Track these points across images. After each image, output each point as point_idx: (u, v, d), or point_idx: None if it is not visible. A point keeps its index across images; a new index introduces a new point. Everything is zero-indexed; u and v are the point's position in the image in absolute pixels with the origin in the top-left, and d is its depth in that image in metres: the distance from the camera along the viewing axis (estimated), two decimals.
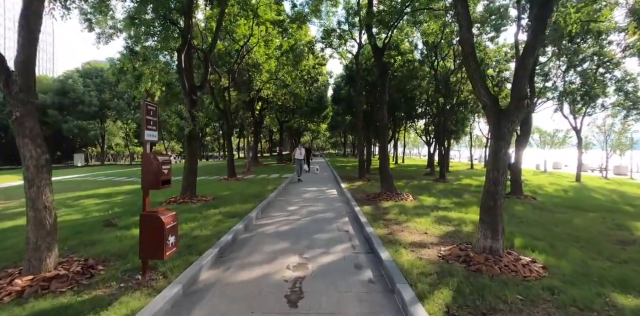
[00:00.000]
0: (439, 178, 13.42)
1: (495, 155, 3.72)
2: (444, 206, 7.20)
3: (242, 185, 11.06)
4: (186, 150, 7.94)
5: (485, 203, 3.79)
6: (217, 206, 7.04)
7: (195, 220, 5.76)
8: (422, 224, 5.41)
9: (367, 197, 8.10)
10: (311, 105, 22.28)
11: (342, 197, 8.89)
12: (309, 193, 9.89)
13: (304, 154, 12.69)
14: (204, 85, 8.06)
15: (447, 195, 8.99)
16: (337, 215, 6.62)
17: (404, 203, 7.31)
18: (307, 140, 68.45)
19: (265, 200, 7.91)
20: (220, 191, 9.57)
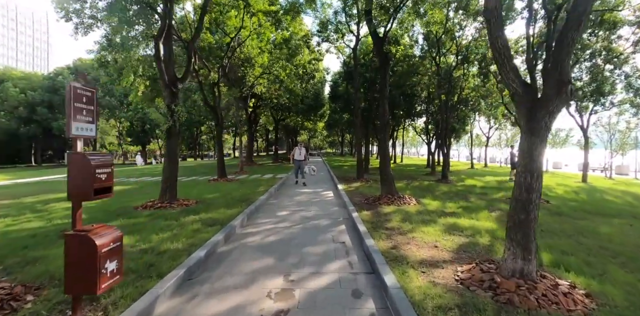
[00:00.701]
0: (441, 179, 12.72)
1: (527, 154, 2.99)
2: (451, 211, 6.49)
3: (231, 187, 10.29)
4: (165, 148, 7.17)
5: (514, 215, 3.06)
6: (198, 211, 6.28)
7: (168, 229, 5.00)
8: (431, 234, 4.68)
9: (366, 201, 7.37)
10: (307, 102, 21.51)
11: (339, 200, 8.16)
12: (302, 195, 9.15)
13: (305, 154, 11.20)
14: (186, 77, 7.29)
15: (453, 198, 8.28)
16: (333, 222, 5.88)
17: (407, 208, 6.58)
18: (304, 139, 67.73)
19: (253, 203, 7.16)
20: (206, 193, 8.81)
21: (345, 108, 22.01)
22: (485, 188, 10.62)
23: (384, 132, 7.10)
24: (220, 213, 6.17)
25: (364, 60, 16.43)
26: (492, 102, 19.79)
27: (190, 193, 8.82)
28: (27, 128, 35.69)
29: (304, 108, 21.77)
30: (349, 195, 8.43)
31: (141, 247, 4.13)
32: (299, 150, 11.22)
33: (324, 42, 15.54)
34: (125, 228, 5.10)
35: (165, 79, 6.81)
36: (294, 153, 11.32)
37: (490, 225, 5.37)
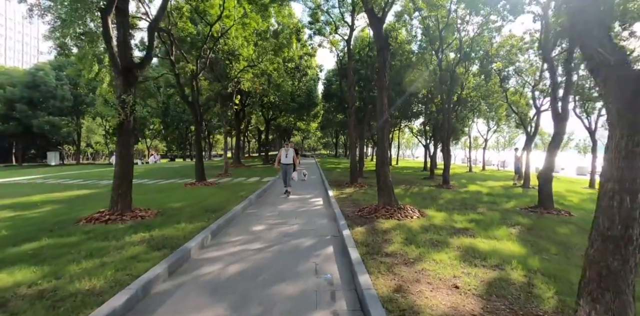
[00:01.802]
0: (443, 184, 11.64)
1: (624, 163, 1.84)
2: (462, 227, 5.37)
3: (207, 192, 9.06)
4: (116, 148, 5.93)
5: (599, 261, 1.92)
6: (152, 227, 5.06)
7: (99, 254, 3.78)
8: (445, 265, 3.54)
9: (360, 212, 6.20)
10: (299, 100, 20.36)
11: (329, 211, 6.98)
12: (287, 203, 7.96)
13: (293, 156, 9.14)
14: (145, 64, 6.07)
15: (460, 209, 7.17)
16: (319, 242, 4.71)
17: (409, 223, 5.44)
18: (297, 140, 66.51)
19: (225, 215, 5.96)
20: (173, 201, 7.57)
21: (339, 107, 20.91)
22: (493, 196, 9.54)
23: (382, 130, 5.95)
24: (179, 229, 4.95)
25: (359, 55, 15.34)
26: (493, 102, 18.84)
27: (154, 201, 7.57)
28: (6, 126, 33.91)
29: (296, 107, 20.60)
30: (341, 204, 7.27)
31: (42, 287, 2.92)
32: (285, 152, 9.19)
33: (316, 35, 14.43)
34: (45, 252, 3.88)
35: (117, 64, 5.59)
36: (279, 155, 9.29)
37: (517, 248, 4.25)
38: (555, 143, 7.05)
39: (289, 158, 9.16)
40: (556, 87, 7.03)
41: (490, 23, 13.91)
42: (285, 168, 9.09)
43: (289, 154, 9.18)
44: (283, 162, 9.12)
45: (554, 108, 6.88)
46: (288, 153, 9.19)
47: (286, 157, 9.15)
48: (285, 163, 9.12)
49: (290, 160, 9.16)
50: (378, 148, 6.28)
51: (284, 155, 9.14)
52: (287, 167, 9.11)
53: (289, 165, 9.12)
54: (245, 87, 13.35)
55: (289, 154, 9.18)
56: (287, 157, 9.16)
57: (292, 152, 9.21)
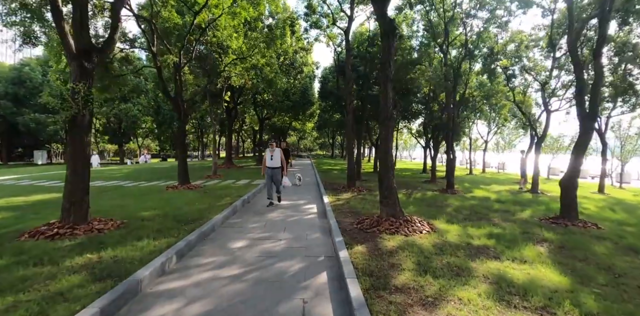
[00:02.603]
0: (447, 189, 10.79)
1: None
2: (481, 244, 4.50)
3: (188, 197, 8.12)
4: (68, 146, 4.98)
5: None
6: (105, 244, 4.12)
7: (17, 288, 2.85)
8: (476, 307, 2.65)
9: (359, 225, 5.30)
10: (294, 98, 19.43)
11: (323, 222, 6.09)
12: (276, 211, 7.04)
13: (280, 158, 7.49)
14: (106, 49, 5.13)
15: (472, 219, 6.32)
16: (309, 265, 3.81)
17: (420, 241, 4.55)
18: (293, 140, 65.56)
19: (202, 227, 5.04)
20: (146, 208, 6.61)
21: (336, 106, 20.03)
22: (503, 203, 8.72)
23: (387, 128, 5.04)
24: (139, 248, 4.03)
25: (357, 50, 14.47)
26: (496, 102, 18.06)
27: (124, 208, 6.61)
28: None
29: (290, 105, 19.66)
30: (337, 213, 6.37)
31: None
32: (270, 153, 7.44)
33: (312, 28, 13.54)
34: None
35: (69, 46, 4.65)
36: (265, 157, 7.58)
37: (556, 277, 3.39)
38: (582, 146, 6.21)
39: (276, 161, 7.45)
40: (583, 83, 6.20)
41: (496, 18, 13.17)
42: (272, 173, 7.42)
43: (275, 156, 7.45)
44: (269, 165, 7.45)
45: (581, 106, 6.06)
46: (274, 155, 7.45)
47: (272, 159, 7.44)
48: (272, 166, 7.45)
49: (278, 162, 7.46)
50: (380, 149, 5.37)
51: (269, 158, 7.45)
52: (273, 171, 7.45)
53: (276, 169, 7.46)
54: (235, 83, 12.41)
55: (275, 156, 7.46)
56: (272, 159, 7.45)
57: (279, 153, 7.50)
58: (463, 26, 11.94)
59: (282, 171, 7.63)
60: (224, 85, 13.03)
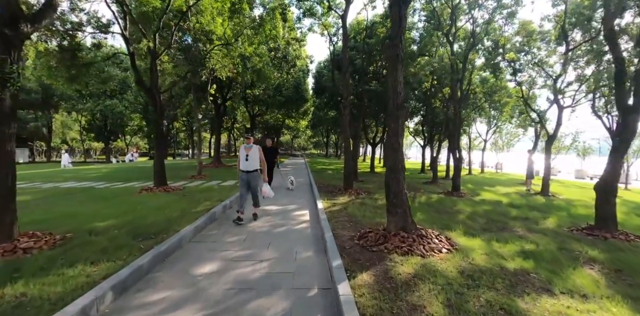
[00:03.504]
0: (453, 192, 9.85)
1: None
2: (517, 267, 3.53)
3: (160, 202, 7.00)
4: None
5: None
6: (21, 273, 3.04)
7: None
8: None
9: (362, 240, 4.27)
10: (286, 94, 18.33)
11: (317, 233, 5.05)
12: (262, 220, 5.98)
13: (259, 157, 5.70)
14: (40, 17, 4.01)
15: (493, 230, 5.37)
16: (297, 305, 2.77)
17: (441, 264, 3.53)
18: (287, 139, 64.40)
19: (164, 243, 3.97)
20: (104, 217, 5.49)
21: (330, 103, 18.98)
22: (519, 208, 7.79)
23: (396, 120, 4.00)
24: (66, 278, 2.95)
25: (354, 41, 13.45)
26: (499, 99, 17.20)
27: (78, 216, 5.49)
28: None
29: (282, 100, 18.55)
30: (334, 223, 5.34)
31: None
32: (246, 152, 5.60)
33: (305, 17, 12.47)
34: None
35: None
36: (239, 159, 5.75)
37: None
38: (624, 144, 5.27)
39: (252, 162, 5.56)
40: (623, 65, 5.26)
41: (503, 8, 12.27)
42: (247, 178, 5.57)
43: (251, 155, 5.56)
44: (243, 168, 5.58)
45: (621, 95, 5.12)
46: (250, 154, 5.56)
47: (246, 160, 5.54)
48: (246, 170, 5.55)
49: (255, 164, 5.59)
50: (387, 147, 4.32)
51: (243, 158, 5.58)
52: (249, 177, 5.57)
53: (252, 173, 5.58)
54: (221, 75, 11.28)
55: (252, 155, 5.58)
56: (248, 159, 5.54)
57: (257, 152, 5.67)
58: (470, 14, 10.98)
59: (263, 175, 5.89)
60: (209, 77, 11.89)
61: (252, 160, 5.59)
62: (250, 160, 5.57)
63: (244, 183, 5.65)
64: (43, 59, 9.07)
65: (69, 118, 45.01)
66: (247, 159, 5.56)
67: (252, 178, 5.63)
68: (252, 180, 5.65)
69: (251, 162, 5.57)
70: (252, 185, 5.68)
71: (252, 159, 5.60)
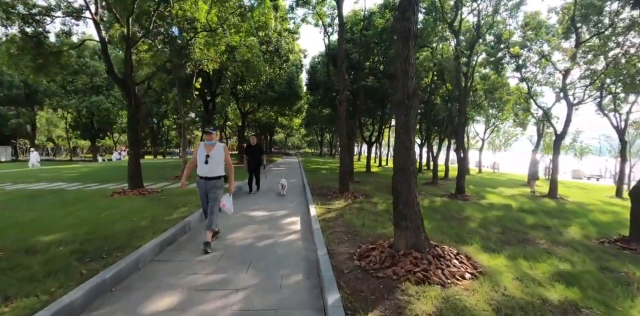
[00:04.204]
0: (457, 194, 9.13)
1: None
2: (562, 299, 2.78)
3: (129, 207, 6.12)
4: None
5: None
6: None
7: None
8: None
9: (363, 260, 3.46)
10: (278, 89, 17.46)
11: (307, 247, 4.23)
12: (244, 229, 5.15)
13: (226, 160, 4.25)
14: None
15: (512, 242, 4.65)
16: None
17: (468, 298, 2.74)
18: (280, 137, 63.45)
19: (114, 266, 3.12)
20: (52, 228, 4.59)
21: (325, 99, 18.16)
22: (531, 213, 7.09)
23: (406, 112, 3.19)
24: None
25: (350, 32, 12.65)
26: (500, 96, 16.55)
27: (20, 229, 4.59)
28: None
29: (275, 96, 17.67)
30: (329, 235, 4.54)
31: None
32: (206, 151, 4.14)
33: (299, 6, 11.64)
34: None
35: None
36: (193, 159, 4.34)
37: None
38: None
39: (215, 165, 4.14)
40: None
41: None
42: (207, 187, 4.17)
43: (213, 156, 4.11)
44: (201, 173, 4.16)
45: None
46: (213, 154, 4.11)
47: (206, 163, 4.10)
48: (206, 176, 4.13)
49: (218, 169, 4.17)
50: (398, 145, 3.46)
51: (202, 159, 4.11)
52: (207, 185, 4.15)
53: (212, 181, 4.15)
54: (207, 68, 10.37)
55: (214, 156, 4.12)
56: (208, 161, 4.10)
57: (223, 151, 4.20)
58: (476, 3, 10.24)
59: (230, 185, 4.38)
60: (194, 70, 10.98)
61: (215, 162, 4.14)
62: (212, 162, 4.12)
63: (202, 191, 4.23)
64: (4, 45, 8.11)
65: (54, 116, 43.50)
66: (208, 161, 4.10)
67: (211, 187, 4.16)
68: (213, 190, 4.16)
69: (213, 165, 4.13)
70: (210, 197, 4.17)
71: (215, 162, 4.13)
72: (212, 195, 4.19)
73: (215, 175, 4.18)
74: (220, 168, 4.24)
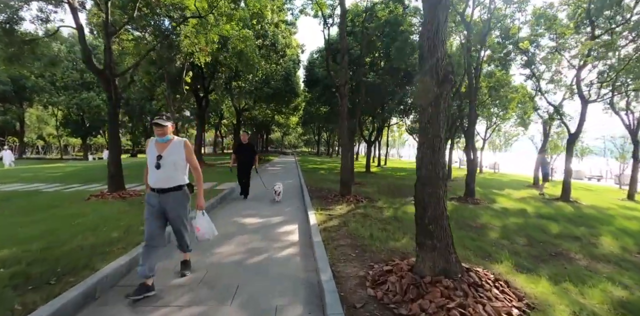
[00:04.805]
0: (466, 197, 8.50)
1: None
2: None
3: (104, 214, 5.37)
4: None
5: None
6: None
7: None
8: None
9: (377, 287, 2.78)
10: (275, 85, 16.71)
11: (307, 266, 3.53)
12: (233, 240, 4.44)
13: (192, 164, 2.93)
14: None
15: (544, 257, 4.02)
16: None
17: None
18: (277, 136, 62.69)
19: (50, 305, 2.39)
20: (9, 241, 3.86)
21: (323, 97, 17.44)
22: (551, 219, 6.46)
23: (436, 102, 2.53)
24: None
25: (351, 25, 11.95)
26: (504, 94, 15.94)
27: None
28: None
29: (271, 93, 16.92)
30: (333, 249, 3.85)
31: None
32: (154, 154, 2.78)
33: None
34: None
35: None
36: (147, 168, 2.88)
37: None
38: None
39: (171, 171, 2.80)
40: None
41: None
42: (161, 203, 2.84)
43: (168, 156, 2.78)
44: (152, 182, 2.82)
45: None
46: (167, 155, 2.78)
47: (158, 168, 2.75)
48: (159, 187, 2.81)
49: (179, 176, 2.86)
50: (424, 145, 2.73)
51: (153, 162, 2.76)
52: (164, 199, 2.84)
53: (169, 193, 2.83)
54: (198, 61, 9.62)
55: (171, 156, 2.79)
56: (161, 165, 2.75)
57: (184, 150, 2.85)
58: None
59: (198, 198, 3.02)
60: (184, 62, 10.23)
61: (171, 167, 2.77)
62: (167, 167, 2.76)
63: (155, 212, 2.83)
64: None
65: (45, 113, 42.35)
66: (160, 165, 2.74)
67: (172, 202, 2.84)
68: (172, 208, 2.85)
69: (169, 170, 2.77)
70: (170, 217, 2.89)
71: (171, 165, 2.77)
72: (172, 214, 2.87)
73: (174, 185, 2.82)
74: (180, 174, 2.87)
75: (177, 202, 2.89)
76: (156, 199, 2.84)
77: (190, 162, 2.95)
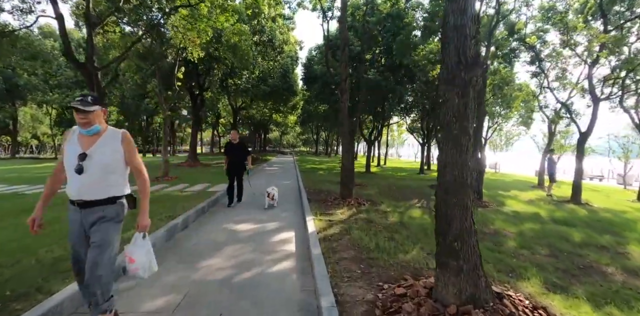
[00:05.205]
0: (475, 201, 7.99)
1: None
2: None
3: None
4: None
5: None
6: None
7: None
8: None
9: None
10: (272, 83, 16.20)
11: (304, 285, 3.04)
12: (221, 252, 3.94)
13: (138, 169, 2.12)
14: None
15: (574, 272, 3.55)
16: None
17: None
18: (275, 135, 62.16)
19: None
20: None
21: (322, 94, 16.92)
22: (568, 224, 5.99)
23: (463, 90, 2.08)
24: None
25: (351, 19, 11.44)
26: (510, 93, 15.50)
27: None
28: None
29: (268, 90, 16.40)
30: (334, 265, 3.35)
31: None
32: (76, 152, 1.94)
33: None
34: None
35: None
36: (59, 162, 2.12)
37: None
38: None
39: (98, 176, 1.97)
40: None
41: None
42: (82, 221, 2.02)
43: (96, 155, 1.96)
44: (72, 192, 1.98)
45: None
46: (94, 153, 1.96)
47: (79, 172, 1.92)
48: (81, 199, 1.98)
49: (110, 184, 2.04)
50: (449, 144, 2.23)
51: (72, 162, 1.93)
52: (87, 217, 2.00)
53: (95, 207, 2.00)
54: (191, 56, 9.10)
55: (100, 155, 1.97)
56: (84, 168, 1.92)
57: (120, 145, 2.05)
58: None
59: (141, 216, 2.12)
60: (175, 57, 9.71)
61: (99, 170, 1.98)
62: (93, 170, 1.96)
63: (78, 232, 2.05)
64: None
65: (39, 112, 41.65)
66: (82, 168, 1.93)
67: (98, 221, 2.02)
68: (98, 226, 2.01)
69: (96, 175, 1.98)
70: (93, 242, 1.98)
71: (98, 167, 1.98)
72: (96, 237, 1.97)
73: (104, 197, 2.02)
74: (115, 181, 2.07)
75: (103, 220, 2.00)
76: (77, 215, 2.01)
77: (131, 163, 2.10)
